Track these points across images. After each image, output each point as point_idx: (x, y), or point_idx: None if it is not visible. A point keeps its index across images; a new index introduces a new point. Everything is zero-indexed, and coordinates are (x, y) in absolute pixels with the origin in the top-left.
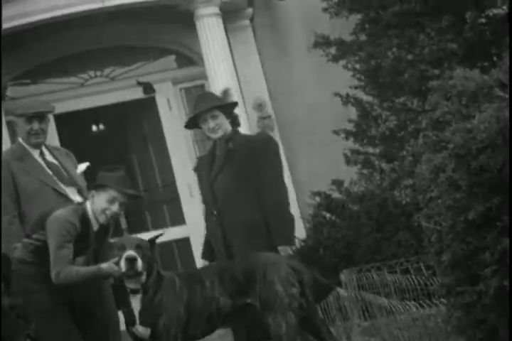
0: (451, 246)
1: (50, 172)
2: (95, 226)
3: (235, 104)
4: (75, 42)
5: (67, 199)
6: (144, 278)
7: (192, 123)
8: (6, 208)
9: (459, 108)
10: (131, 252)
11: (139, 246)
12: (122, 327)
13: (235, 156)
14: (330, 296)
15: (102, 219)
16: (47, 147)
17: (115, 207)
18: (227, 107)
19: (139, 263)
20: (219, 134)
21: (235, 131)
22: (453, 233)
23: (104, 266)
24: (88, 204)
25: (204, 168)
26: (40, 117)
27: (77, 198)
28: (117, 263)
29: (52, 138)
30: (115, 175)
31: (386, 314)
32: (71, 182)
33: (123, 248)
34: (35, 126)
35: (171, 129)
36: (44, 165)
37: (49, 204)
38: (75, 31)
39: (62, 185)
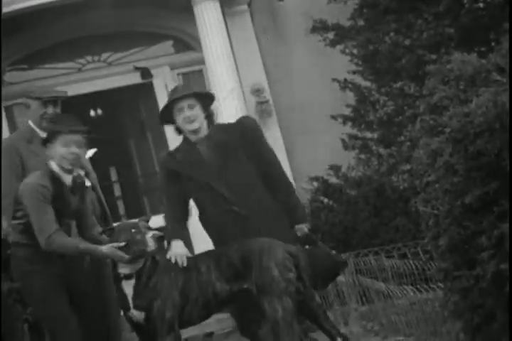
0: (448, 230)
1: None
2: (68, 180)
3: (212, 96)
4: (73, 28)
5: None
6: (140, 263)
7: (166, 116)
8: (12, 189)
9: (457, 92)
10: (157, 232)
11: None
12: None
13: (231, 151)
14: None
15: (66, 165)
16: None
17: (73, 149)
18: (204, 98)
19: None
20: (195, 126)
21: (214, 125)
22: (450, 217)
23: (105, 249)
24: (50, 162)
25: (194, 168)
26: (55, 102)
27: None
28: (121, 247)
29: None
30: (56, 119)
31: (384, 298)
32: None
33: (147, 228)
34: (50, 110)
35: None
36: None
37: None
38: (73, 16)
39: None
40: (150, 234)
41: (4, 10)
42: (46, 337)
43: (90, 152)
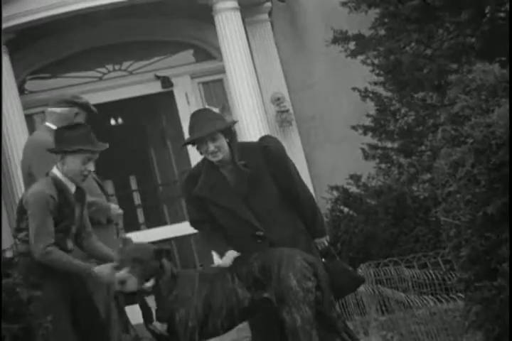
0: (469, 240)
1: None
2: (72, 189)
3: (235, 123)
4: (94, 37)
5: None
6: (150, 283)
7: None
8: None
9: (478, 102)
10: (121, 274)
11: (136, 260)
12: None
13: (256, 175)
14: None
15: (79, 180)
16: None
17: (90, 166)
18: (227, 128)
19: (131, 283)
20: (219, 157)
21: (237, 147)
22: (472, 228)
23: (96, 268)
24: (57, 170)
25: (218, 194)
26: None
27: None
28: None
29: None
30: (81, 134)
31: (404, 308)
32: None
33: (118, 266)
34: (80, 118)
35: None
36: None
37: None
38: (94, 25)
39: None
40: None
41: (24, 19)
42: None
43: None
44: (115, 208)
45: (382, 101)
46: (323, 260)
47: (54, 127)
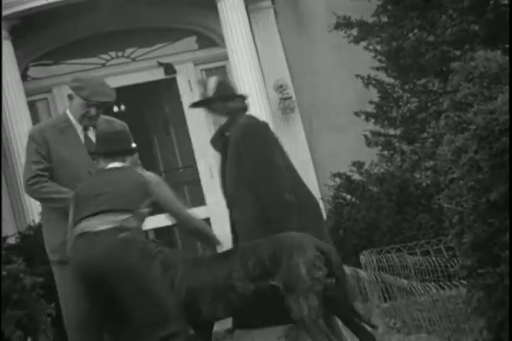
0: (472, 227)
1: (85, 149)
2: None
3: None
4: (97, 24)
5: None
6: None
7: None
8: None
9: (481, 89)
10: None
11: None
12: None
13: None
14: (350, 277)
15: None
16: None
17: (93, 111)
18: (210, 105)
19: None
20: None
21: (230, 120)
22: (474, 214)
23: None
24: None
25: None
26: (99, 105)
27: None
28: None
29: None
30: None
31: (406, 295)
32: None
33: None
34: (93, 111)
35: (191, 110)
36: (83, 141)
37: (80, 176)
38: (97, 12)
39: (91, 163)
40: None
41: (27, 6)
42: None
43: None
44: None
45: (384, 88)
46: None
47: None
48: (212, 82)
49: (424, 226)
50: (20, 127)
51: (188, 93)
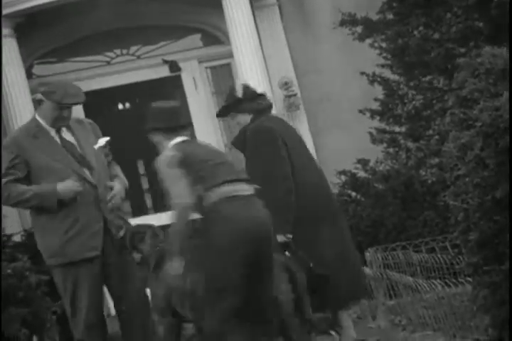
0: (478, 224)
1: (65, 151)
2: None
3: (236, 102)
4: (102, 21)
5: (80, 178)
6: None
7: None
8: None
9: (487, 86)
10: None
11: None
12: None
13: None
14: None
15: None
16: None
17: (66, 112)
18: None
19: None
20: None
21: (252, 120)
22: (480, 211)
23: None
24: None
25: None
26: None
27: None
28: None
29: (78, 116)
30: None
31: (412, 293)
32: (83, 162)
33: None
34: (66, 113)
35: (196, 107)
36: (59, 143)
37: (64, 179)
38: (102, 10)
39: (76, 164)
40: None
41: (31, 4)
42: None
43: (102, 141)
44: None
45: (390, 86)
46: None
47: None
48: (238, 85)
49: (429, 223)
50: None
51: (193, 90)
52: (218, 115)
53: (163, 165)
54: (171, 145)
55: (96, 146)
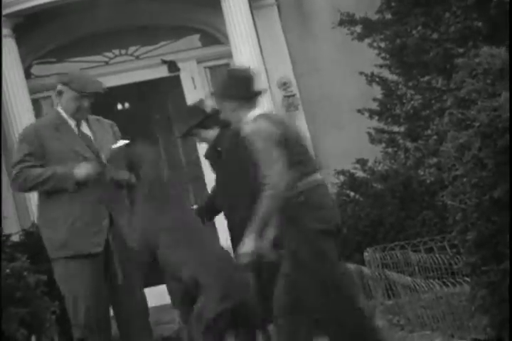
0: (476, 224)
1: (83, 143)
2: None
3: (205, 119)
4: (100, 21)
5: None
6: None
7: None
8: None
9: (485, 86)
10: None
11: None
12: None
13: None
14: (354, 274)
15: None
16: (87, 119)
17: (86, 103)
18: (201, 124)
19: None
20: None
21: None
22: (478, 211)
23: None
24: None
25: None
26: (91, 95)
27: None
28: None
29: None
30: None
31: (410, 292)
32: (97, 156)
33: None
34: (86, 103)
35: None
36: (78, 134)
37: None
38: (100, 10)
39: (92, 155)
40: None
41: (30, 4)
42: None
43: (121, 142)
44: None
45: (388, 86)
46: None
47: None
48: (200, 102)
49: (428, 223)
50: (25, 124)
51: (192, 90)
52: (184, 135)
53: (261, 138)
54: (256, 117)
55: (114, 146)
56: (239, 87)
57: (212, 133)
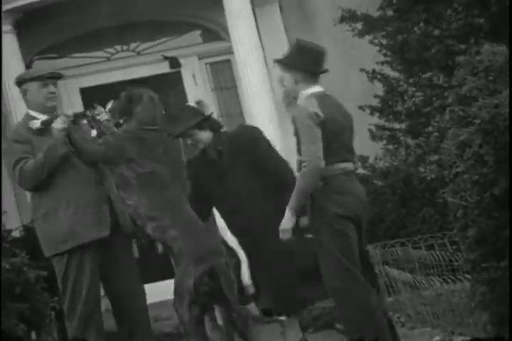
0: (476, 221)
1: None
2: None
3: (203, 120)
4: (101, 17)
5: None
6: None
7: None
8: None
9: (486, 83)
10: None
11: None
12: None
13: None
14: None
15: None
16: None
17: (52, 88)
18: (199, 125)
19: None
20: (200, 148)
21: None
22: (479, 208)
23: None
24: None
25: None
26: (54, 80)
27: None
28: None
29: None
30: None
31: (410, 289)
32: None
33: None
34: (52, 88)
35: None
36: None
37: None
38: (101, 6)
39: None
40: None
41: None
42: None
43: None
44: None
45: (389, 82)
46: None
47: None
48: (198, 103)
49: (428, 220)
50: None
51: (193, 86)
52: (180, 135)
53: (305, 117)
54: (310, 94)
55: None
56: (307, 59)
57: (207, 135)
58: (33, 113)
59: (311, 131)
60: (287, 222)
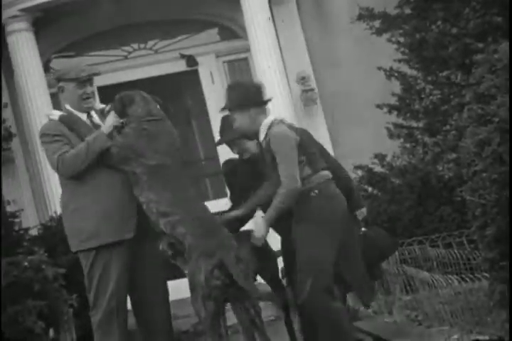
0: (495, 220)
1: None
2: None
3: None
4: (120, 15)
5: None
6: None
7: None
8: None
9: (504, 81)
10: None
11: None
12: None
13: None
14: None
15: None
16: (96, 111)
17: (88, 89)
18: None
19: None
20: (246, 156)
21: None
22: (497, 207)
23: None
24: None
25: None
26: (91, 81)
27: None
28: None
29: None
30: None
31: (428, 288)
32: None
33: None
34: (89, 89)
35: (213, 102)
36: (91, 126)
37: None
38: (119, 4)
39: None
40: None
41: None
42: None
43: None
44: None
45: (407, 81)
46: (363, 229)
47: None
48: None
49: (446, 218)
50: (44, 119)
51: (210, 85)
52: (228, 142)
53: (283, 143)
54: (273, 122)
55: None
56: (252, 95)
57: (253, 144)
58: (70, 108)
59: (292, 152)
60: (263, 230)
